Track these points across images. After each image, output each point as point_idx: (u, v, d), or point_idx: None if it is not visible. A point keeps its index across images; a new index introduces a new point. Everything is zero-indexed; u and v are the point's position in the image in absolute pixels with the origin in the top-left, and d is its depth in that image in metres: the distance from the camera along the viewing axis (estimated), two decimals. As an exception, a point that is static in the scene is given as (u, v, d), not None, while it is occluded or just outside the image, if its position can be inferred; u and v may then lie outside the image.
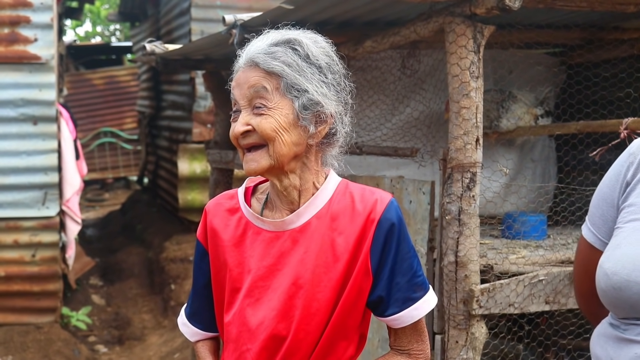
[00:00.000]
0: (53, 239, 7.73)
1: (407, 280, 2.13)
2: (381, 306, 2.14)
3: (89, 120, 17.64)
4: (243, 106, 2.05)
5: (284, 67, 2.03)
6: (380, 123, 5.55)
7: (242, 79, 2.06)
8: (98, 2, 23.81)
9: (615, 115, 5.19)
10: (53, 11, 7.53)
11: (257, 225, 2.14)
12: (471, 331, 3.88)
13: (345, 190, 2.15)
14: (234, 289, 2.13)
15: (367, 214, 2.09)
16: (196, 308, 2.33)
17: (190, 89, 10.36)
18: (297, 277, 2.07)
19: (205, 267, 2.24)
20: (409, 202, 4.37)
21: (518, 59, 5.65)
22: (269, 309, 2.07)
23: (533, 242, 4.90)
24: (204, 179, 9.99)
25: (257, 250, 2.12)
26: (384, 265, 2.11)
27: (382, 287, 2.12)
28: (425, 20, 4.08)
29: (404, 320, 2.15)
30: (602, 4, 4.07)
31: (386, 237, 2.09)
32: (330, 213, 2.11)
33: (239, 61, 2.10)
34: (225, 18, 4.58)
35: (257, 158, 2.04)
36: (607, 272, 2.02)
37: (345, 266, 2.08)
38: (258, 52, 2.04)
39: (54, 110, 7.58)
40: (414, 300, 2.14)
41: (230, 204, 2.21)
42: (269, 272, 2.10)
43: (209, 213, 2.22)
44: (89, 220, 14.56)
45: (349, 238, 2.09)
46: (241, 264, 2.13)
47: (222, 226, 2.18)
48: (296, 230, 2.10)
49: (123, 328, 8.68)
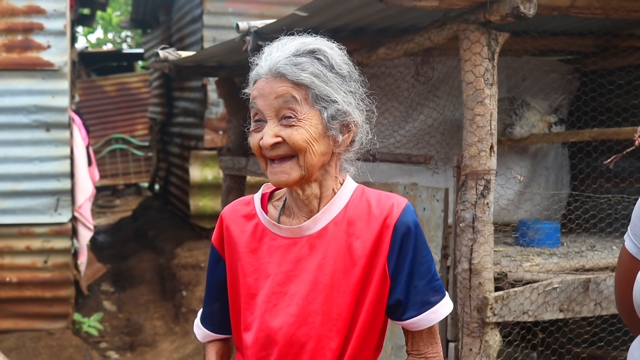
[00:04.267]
0: (65, 245, 7.75)
1: (425, 283, 2.13)
2: (399, 310, 2.15)
3: (100, 127, 17.69)
4: (269, 117, 2.03)
5: (312, 78, 2.02)
6: (394, 130, 5.54)
7: (267, 90, 2.03)
8: (110, 9, 23.92)
9: (630, 123, 5.18)
10: (66, 18, 7.55)
11: (274, 232, 2.14)
12: (485, 339, 3.86)
13: (362, 195, 2.16)
14: (250, 294, 2.13)
15: (384, 218, 2.10)
16: (208, 311, 2.34)
17: (202, 95, 10.37)
18: (316, 282, 2.07)
19: (219, 272, 2.25)
20: (423, 209, 4.35)
21: (532, 66, 5.65)
22: (288, 314, 2.07)
23: (547, 250, 4.89)
24: (216, 185, 10.00)
25: (275, 256, 2.12)
26: (402, 269, 2.11)
27: (401, 290, 2.12)
28: (439, 27, 4.08)
29: (422, 324, 2.15)
30: (616, 10, 4.05)
31: (403, 241, 2.10)
32: (347, 218, 2.11)
33: (257, 70, 2.07)
34: (239, 25, 4.59)
35: (287, 170, 2.03)
36: None
37: (362, 270, 2.08)
38: (284, 63, 2.02)
39: (67, 116, 7.60)
40: (432, 304, 2.15)
41: (247, 210, 2.21)
42: (286, 278, 2.10)
43: (226, 219, 2.22)
44: (100, 226, 14.58)
45: (365, 243, 2.09)
46: (258, 270, 2.13)
47: (238, 232, 2.18)
48: (313, 236, 2.10)
49: (134, 334, 8.68)
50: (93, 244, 11.29)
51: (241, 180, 6.37)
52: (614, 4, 4.02)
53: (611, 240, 5.14)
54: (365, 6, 4.03)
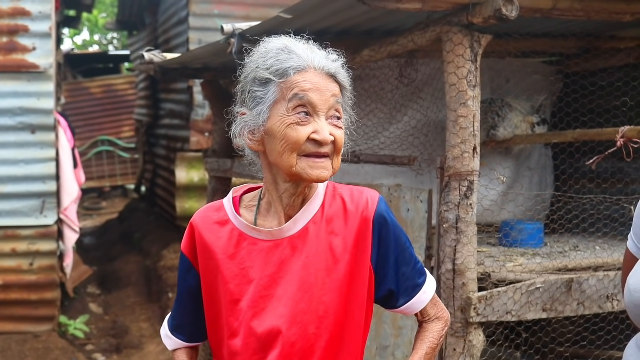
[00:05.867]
0: (51, 247, 7.73)
1: (411, 268, 2.22)
2: (392, 299, 2.22)
3: (86, 129, 17.63)
4: (322, 112, 2.02)
5: (349, 86, 2.08)
6: (378, 131, 5.56)
7: (323, 85, 2.02)
8: (96, 11, 23.84)
9: (612, 124, 5.21)
10: (51, 20, 7.54)
11: (252, 236, 2.14)
12: (469, 339, 3.89)
13: (335, 192, 2.18)
14: (233, 300, 2.12)
15: (361, 213, 2.14)
16: (180, 320, 2.32)
17: (188, 97, 10.36)
18: (302, 282, 2.08)
19: (191, 280, 2.23)
20: (407, 210, 4.38)
21: (515, 67, 5.68)
22: (277, 316, 2.08)
23: (530, 250, 4.92)
24: (202, 187, 9.99)
25: (256, 260, 2.11)
26: (387, 259, 2.17)
27: (390, 280, 2.19)
28: (422, 29, 4.10)
29: (416, 307, 2.25)
30: (598, 12, 4.09)
31: (382, 232, 2.15)
32: (325, 216, 2.13)
33: (296, 62, 2.02)
34: (223, 27, 4.60)
35: (327, 166, 2.04)
36: (629, 288, 2.01)
37: (346, 267, 2.11)
38: (334, 64, 2.04)
39: (52, 118, 7.58)
40: (420, 286, 2.24)
41: (219, 216, 2.19)
42: (271, 280, 2.10)
43: (197, 226, 2.20)
44: (86, 228, 14.54)
45: (346, 239, 2.12)
46: (239, 276, 2.12)
47: (213, 239, 2.16)
48: (294, 237, 2.11)
49: (121, 336, 8.66)
50: (79, 246, 11.26)
51: (227, 181, 6.38)
52: (595, 5, 4.06)
53: (594, 241, 5.18)
54: (349, 8, 4.05)
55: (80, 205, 14.63)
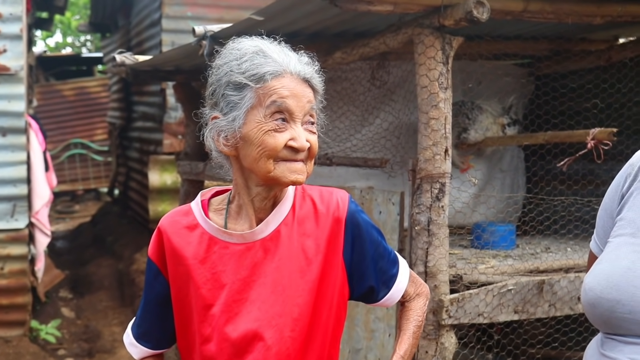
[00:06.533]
0: (22, 251, 7.66)
1: (386, 261, 2.23)
2: (372, 294, 2.24)
3: (59, 132, 17.53)
4: (299, 119, 2.00)
5: (321, 89, 2.07)
6: (350, 134, 5.56)
7: (299, 91, 2.00)
8: (69, 13, 23.72)
9: (583, 126, 5.25)
10: (22, 22, 7.48)
11: (223, 240, 2.11)
12: (441, 341, 3.89)
13: (304, 194, 2.17)
14: (206, 305, 2.09)
15: (332, 214, 2.13)
16: (146, 327, 2.27)
17: (161, 100, 10.32)
18: (275, 285, 2.06)
19: (159, 286, 2.19)
20: (379, 212, 4.38)
21: (487, 70, 5.70)
22: (251, 320, 2.05)
23: (502, 252, 4.93)
24: (175, 190, 9.94)
25: (229, 264, 2.09)
26: (365, 258, 2.17)
27: (369, 277, 2.19)
28: (394, 31, 4.11)
29: (395, 297, 2.27)
30: (568, 15, 4.11)
31: (355, 232, 2.15)
32: (297, 218, 2.12)
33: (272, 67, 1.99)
34: (195, 29, 4.58)
35: (304, 170, 2.03)
36: (585, 288, 2.02)
37: (319, 268, 2.09)
38: (309, 70, 2.03)
39: (23, 121, 7.52)
40: (396, 275, 2.26)
41: (188, 221, 2.16)
42: (244, 284, 2.08)
43: (166, 231, 2.16)
44: (59, 232, 14.45)
45: (318, 240, 2.11)
46: (211, 280, 2.09)
47: (183, 244, 2.12)
48: (266, 239, 2.09)
49: (93, 341, 8.60)
50: (51, 250, 11.18)
51: (199, 184, 6.35)
52: (566, 8, 4.08)
53: (565, 242, 5.20)
54: (321, 10, 4.05)
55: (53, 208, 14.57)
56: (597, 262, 2.07)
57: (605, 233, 2.17)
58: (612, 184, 2.18)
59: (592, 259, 2.24)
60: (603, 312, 1.95)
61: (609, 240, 2.10)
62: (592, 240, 2.26)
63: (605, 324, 1.98)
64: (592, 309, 1.99)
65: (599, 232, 2.21)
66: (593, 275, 2.02)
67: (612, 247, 2.06)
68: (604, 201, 2.22)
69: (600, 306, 1.96)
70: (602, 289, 1.96)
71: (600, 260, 2.06)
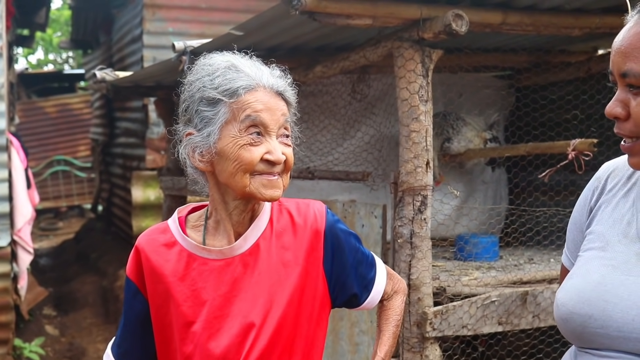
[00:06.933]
0: (4, 269, 7.60)
1: (364, 266, 2.24)
2: (355, 300, 2.24)
3: (41, 149, 17.47)
4: (273, 132, 2.00)
5: (294, 102, 2.06)
6: (332, 147, 5.57)
7: (273, 104, 2.00)
8: (50, 30, 23.68)
9: (563, 137, 5.27)
10: (2, 39, 7.45)
11: (202, 256, 2.09)
12: (425, 354, 3.89)
13: (281, 207, 2.17)
14: (186, 323, 2.07)
15: (310, 227, 2.13)
16: (126, 347, 2.24)
17: (143, 115, 10.30)
18: (255, 299, 2.06)
19: (138, 305, 2.17)
20: (362, 225, 4.38)
21: (467, 82, 5.73)
22: (233, 336, 2.04)
23: (485, 264, 4.94)
24: (158, 205, 9.91)
25: (209, 280, 2.07)
26: (345, 267, 2.18)
27: (351, 284, 2.20)
28: (374, 45, 4.12)
29: (376, 299, 2.29)
30: (547, 27, 4.14)
31: (335, 244, 2.15)
32: (275, 231, 2.12)
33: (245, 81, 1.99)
34: (175, 45, 4.59)
35: (280, 185, 2.03)
36: (557, 303, 2.02)
37: (298, 280, 2.09)
38: (281, 82, 2.03)
39: (5, 139, 7.47)
40: (374, 278, 2.27)
41: (165, 238, 2.14)
42: (225, 300, 2.06)
43: (144, 250, 2.13)
44: (42, 249, 14.38)
45: (297, 252, 2.11)
46: (191, 297, 2.07)
47: (161, 261, 2.11)
48: (245, 254, 2.08)
49: (78, 358, 8.55)
50: (35, 267, 11.12)
51: (182, 200, 6.33)
52: (544, 20, 4.10)
53: (548, 253, 5.21)
54: (300, 25, 4.05)
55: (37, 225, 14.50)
56: (568, 277, 2.07)
57: (576, 247, 2.16)
58: (580, 197, 2.18)
59: (564, 273, 2.24)
60: (576, 327, 1.95)
61: (579, 254, 2.09)
62: (563, 254, 2.26)
63: (579, 339, 1.98)
64: (564, 324, 1.99)
65: (570, 246, 2.21)
66: (565, 290, 2.02)
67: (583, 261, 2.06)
68: (572, 215, 2.21)
69: (573, 321, 1.96)
70: (574, 304, 1.96)
71: (571, 275, 2.06)
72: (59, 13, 24.92)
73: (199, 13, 10.13)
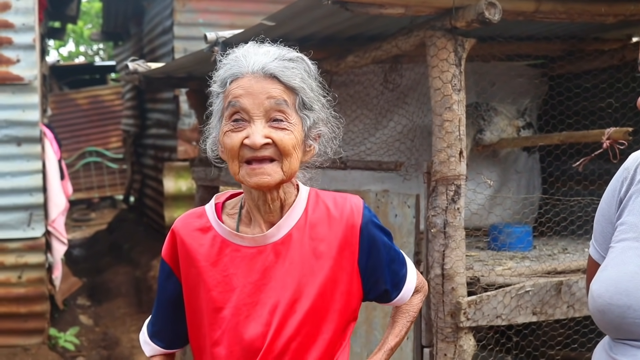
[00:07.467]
0: (39, 260, 7.69)
1: (397, 263, 2.27)
2: (386, 296, 2.27)
3: (73, 140, 17.61)
4: (257, 116, 1.98)
5: (302, 84, 2.03)
6: (364, 137, 5.55)
7: (257, 89, 1.98)
8: (81, 22, 23.80)
9: (598, 126, 5.22)
10: (35, 32, 7.51)
11: (235, 243, 2.11)
12: (459, 344, 3.88)
13: (317, 199, 2.17)
14: (216, 308, 2.10)
15: (346, 220, 2.13)
16: (159, 327, 2.29)
17: (175, 107, 10.34)
18: (285, 289, 2.07)
19: (171, 287, 2.21)
20: (395, 215, 4.37)
21: (500, 71, 5.68)
22: (261, 324, 2.06)
23: (519, 254, 4.91)
24: (190, 196, 9.97)
25: (240, 267, 2.09)
26: (380, 263, 2.19)
27: (385, 280, 2.23)
28: (406, 34, 4.10)
29: (406, 297, 2.32)
30: (581, 15, 4.09)
31: (371, 239, 2.16)
32: (309, 222, 2.12)
33: (235, 69, 2.02)
34: (207, 36, 4.59)
35: (269, 172, 2.00)
36: (593, 295, 2.00)
37: (329, 271, 2.10)
38: (276, 65, 2.00)
39: (38, 131, 7.55)
40: (405, 275, 2.30)
41: (201, 223, 2.16)
42: (255, 288, 2.08)
43: (179, 233, 2.16)
44: (75, 240, 14.50)
45: (330, 244, 2.11)
46: (222, 283, 2.09)
47: (195, 246, 2.13)
48: (278, 243, 2.09)
49: (112, 348, 8.62)
50: (68, 258, 11.21)
51: (214, 190, 6.35)
52: (578, 8, 4.06)
53: (582, 243, 5.17)
54: (332, 15, 4.04)
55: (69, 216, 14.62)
56: (602, 268, 2.05)
57: (605, 238, 2.15)
58: (608, 188, 2.16)
59: (591, 265, 2.21)
60: (614, 319, 1.94)
61: (612, 245, 2.08)
62: (590, 246, 2.24)
63: (617, 330, 1.96)
64: (601, 315, 1.97)
65: (598, 238, 2.19)
66: (600, 281, 2.00)
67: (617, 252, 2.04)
68: (600, 206, 2.19)
69: (611, 313, 1.94)
70: (610, 295, 1.94)
71: (606, 266, 2.04)
72: (89, 5, 25.06)
73: (229, 4, 10.16)
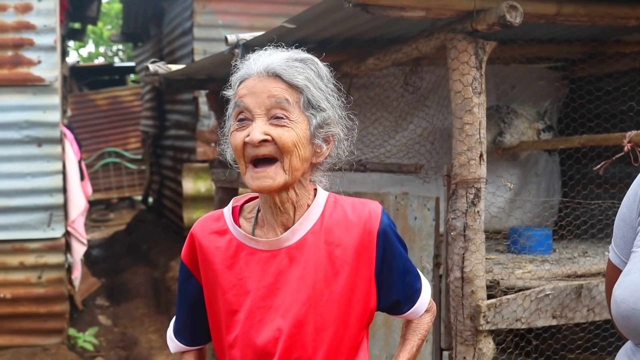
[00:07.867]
0: (59, 260, 7.73)
1: (412, 275, 2.26)
2: (398, 307, 2.26)
3: (93, 141, 17.70)
4: (258, 115, 2.01)
5: (307, 83, 2.03)
6: (384, 140, 5.55)
7: (259, 88, 2.01)
8: (101, 23, 23.93)
9: (619, 129, 5.20)
10: (56, 33, 7.55)
11: (251, 246, 2.12)
12: (478, 347, 3.87)
13: (335, 203, 2.17)
14: (231, 311, 2.11)
15: (363, 225, 2.13)
16: (181, 325, 2.31)
17: (194, 108, 10.37)
18: (299, 294, 2.07)
19: (191, 288, 2.23)
20: (414, 218, 4.37)
21: (520, 74, 5.66)
22: (274, 328, 2.06)
23: (539, 257, 4.90)
24: (209, 197, 9.99)
25: (254, 271, 2.10)
26: (393, 272, 2.18)
27: (397, 291, 2.22)
28: (426, 37, 4.10)
29: (419, 311, 2.31)
30: (602, 17, 4.08)
31: (387, 246, 2.16)
32: (325, 227, 2.12)
33: (244, 71, 2.06)
34: (227, 38, 4.60)
35: (271, 174, 2.01)
36: (616, 300, 1.98)
37: (347, 278, 2.09)
38: (279, 65, 2.02)
39: (58, 131, 7.59)
40: (420, 290, 2.30)
41: (218, 226, 2.17)
42: (269, 292, 2.08)
43: (197, 235, 2.18)
44: (94, 240, 14.56)
45: (347, 249, 2.10)
46: (237, 286, 2.10)
47: (212, 249, 2.15)
48: (292, 247, 2.09)
49: (130, 348, 8.66)
50: (87, 258, 11.27)
51: (233, 192, 6.36)
52: (600, 11, 4.04)
53: (603, 246, 5.15)
54: (353, 17, 4.05)
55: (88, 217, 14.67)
56: (625, 272, 2.03)
57: (626, 243, 2.13)
58: (629, 193, 2.14)
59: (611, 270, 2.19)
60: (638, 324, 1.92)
61: (634, 250, 2.06)
62: (610, 250, 2.22)
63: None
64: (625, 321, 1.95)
65: (618, 243, 2.17)
66: (623, 286, 1.98)
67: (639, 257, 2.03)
68: (621, 211, 2.17)
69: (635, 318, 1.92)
70: (635, 300, 1.92)
71: (629, 271, 2.02)
72: (109, 6, 25.20)
73: (249, 5, 10.17)
